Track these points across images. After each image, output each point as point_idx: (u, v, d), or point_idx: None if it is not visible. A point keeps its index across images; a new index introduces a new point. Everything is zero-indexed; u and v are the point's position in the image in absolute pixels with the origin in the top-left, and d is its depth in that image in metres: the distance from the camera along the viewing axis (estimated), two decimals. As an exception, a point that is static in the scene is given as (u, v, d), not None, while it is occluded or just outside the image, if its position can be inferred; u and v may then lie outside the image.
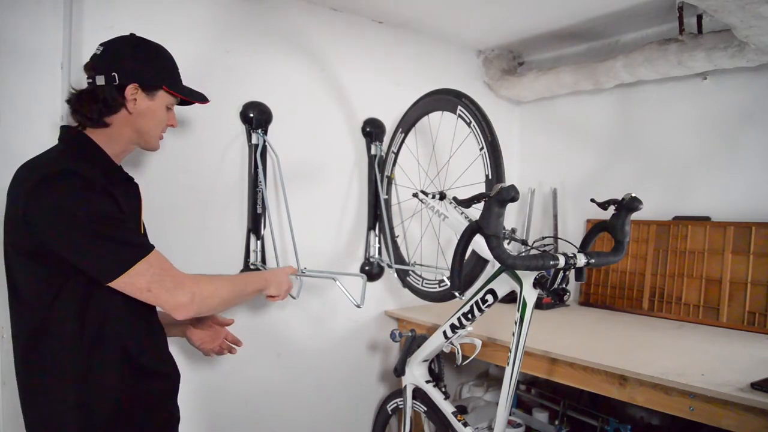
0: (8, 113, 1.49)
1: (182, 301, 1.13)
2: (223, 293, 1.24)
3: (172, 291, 1.12)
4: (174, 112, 1.32)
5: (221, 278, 1.28)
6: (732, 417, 1.32)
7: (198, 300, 1.15)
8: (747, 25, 1.60)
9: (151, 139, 1.28)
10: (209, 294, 1.19)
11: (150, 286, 1.10)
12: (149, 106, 1.23)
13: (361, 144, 2.33)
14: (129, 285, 1.09)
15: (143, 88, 1.21)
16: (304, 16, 2.12)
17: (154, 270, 1.10)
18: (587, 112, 2.64)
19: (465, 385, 2.76)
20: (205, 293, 1.18)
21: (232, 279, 1.33)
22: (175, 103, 1.31)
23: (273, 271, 1.46)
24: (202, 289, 1.17)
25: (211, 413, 1.92)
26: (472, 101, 1.74)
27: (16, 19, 1.50)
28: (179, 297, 1.13)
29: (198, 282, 1.18)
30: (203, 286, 1.18)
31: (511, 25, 2.42)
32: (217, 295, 1.22)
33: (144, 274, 1.09)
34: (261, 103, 1.98)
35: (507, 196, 1.17)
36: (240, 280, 1.36)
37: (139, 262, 1.09)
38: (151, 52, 1.27)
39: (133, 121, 1.22)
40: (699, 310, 2.12)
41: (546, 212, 2.79)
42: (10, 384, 1.49)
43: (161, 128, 1.29)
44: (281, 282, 1.44)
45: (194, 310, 1.16)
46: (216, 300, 1.22)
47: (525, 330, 1.40)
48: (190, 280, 1.16)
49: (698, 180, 2.24)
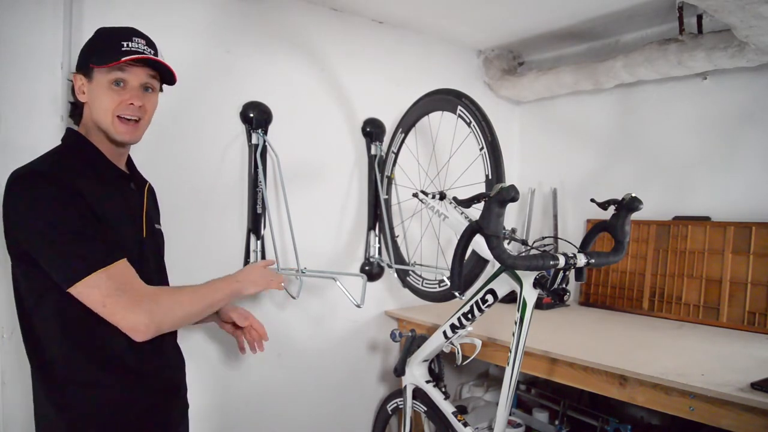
0: (8, 113, 1.49)
1: (137, 321, 1.06)
2: (185, 308, 1.15)
3: (128, 308, 1.05)
4: (131, 90, 1.15)
5: (184, 291, 1.19)
6: (732, 417, 1.32)
7: (157, 319, 1.08)
8: (747, 25, 1.60)
9: (103, 123, 1.15)
10: (168, 310, 1.11)
11: (105, 300, 1.04)
12: (90, 89, 1.15)
13: (361, 144, 2.33)
14: (84, 296, 1.04)
15: (84, 75, 1.16)
16: (304, 16, 2.13)
17: (111, 283, 1.04)
18: (587, 112, 2.64)
19: (465, 385, 2.76)
20: (164, 310, 1.10)
21: (196, 290, 1.21)
22: (120, 78, 1.14)
23: (244, 270, 1.38)
24: (161, 305, 1.09)
25: (211, 413, 1.91)
26: (472, 101, 1.74)
27: (16, 19, 1.50)
28: (134, 316, 1.05)
29: (157, 298, 1.10)
30: (163, 302, 1.10)
31: (511, 25, 2.42)
32: (178, 310, 1.13)
33: (99, 286, 1.03)
34: (261, 103, 1.98)
35: (507, 196, 1.17)
36: (207, 289, 1.24)
37: (94, 273, 1.02)
38: (91, 37, 1.19)
39: (88, 110, 1.18)
40: (699, 310, 2.12)
41: (546, 212, 2.79)
42: (10, 384, 1.49)
43: (110, 109, 1.14)
44: (256, 279, 1.36)
45: (152, 331, 1.08)
46: (177, 316, 1.14)
47: (525, 330, 1.39)
48: (149, 296, 1.09)
49: (698, 180, 2.24)
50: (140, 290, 1.08)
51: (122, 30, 1.17)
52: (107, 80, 1.13)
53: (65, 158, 1.15)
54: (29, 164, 1.10)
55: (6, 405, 1.49)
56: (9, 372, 1.49)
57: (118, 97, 1.14)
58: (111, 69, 1.13)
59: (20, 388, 1.47)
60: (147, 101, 1.19)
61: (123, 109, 1.15)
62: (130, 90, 1.15)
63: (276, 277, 1.44)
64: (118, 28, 1.18)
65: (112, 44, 1.13)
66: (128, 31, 1.17)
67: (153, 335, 1.09)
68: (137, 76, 1.16)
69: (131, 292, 1.06)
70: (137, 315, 1.05)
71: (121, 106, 1.15)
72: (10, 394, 1.49)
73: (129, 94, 1.15)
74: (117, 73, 1.13)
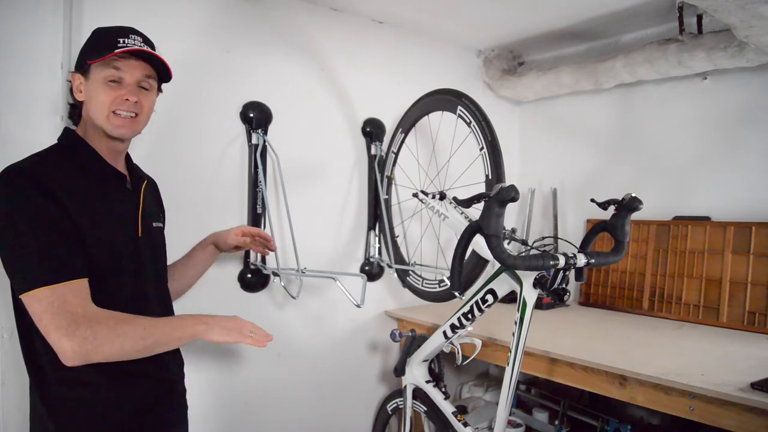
0: (8, 113, 1.50)
1: (65, 347, 0.99)
2: (125, 344, 1.04)
3: (60, 331, 0.99)
4: (126, 86, 1.15)
5: (134, 323, 1.07)
6: (732, 417, 1.32)
7: (86, 349, 1.00)
8: (747, 25, 1.60)
9: (99, 119, 1.14)
10: (105, 342, 1.02)
11: (42, 315, 1.00)
12: (87, 87, 1.15)
13: (361, 144, 2.33)
14: (28, 306, 1.02)
15: (81, 74, 1.16)
16: (304, 15, 2.12)
17: (53, 300, 0.99)
18: (587, 112, 2.64)
19: (465, 385, 2.76)
20: (99, 341, 1.01)
21: (151, 325, 1.09)
22: (116, 75, 1.13)
23: (217, 317, 1.22)
24: (97, 335, 1.01)
25: (211, 413, 1.91)
26: (472, 101, 1.74)
27: (16, 19, 1.50)
28: (64, 341, 0.99)
29: (96, 327, 1.01)
30: (100, 333, 1.01)
31: (511, 25, 2.42)
32: (116, 344, 1.03)
33: (42, 300, 1.00)
34: (261, 103, 1.98)
35: (507, 196, 1.17)
36: (164, 326, 1.12)
37: (40, 288, 0.99)
38: (89, 37, 1.19)
39: (86, 108, 1.17)
40: (699, 310, 2.12)
41: (546, 212, 2.79)
42: (10, 384, 1.49)
43: (105, 105, 1.13)
44: (230, 328, 1.21)
45: (80, 359, 1.01)
46: (113, 350, 1.03)
47: (525, 330, 1.39)
48: (88, 324, 1.00)
49: (698, 180, 2.24)
50: (81, 314, 1.01)
51: (119, 28, 1.17)
52: (103, 77, 1.13)
53: (53, 158, 1.14)
54: (16, 162, 1.10)
55: (5, 405, 1.49)
56: (9, 372, 1.49)
57: (114, 93, 1.14)
58: (107, 64, 1.12)
59: (19, 388, 1.47)
60: (143, 98, 1.18)
61: (118, 104, 1.14)
62: (125, 86, 1.15)
63: (259, 334, 1.26)
64: (115, 27, 1.18)
65: (109, 41, 1.13)
66: (125, 30, 1.17)
67: (81, 363, 1.02)
68: (133, 73, 1.15)
69: (71, 316, 1.00)
70: (68, 340, 0.99)
71: (117, 101, 1.14)
72: (9, 394, 1.49)
73: (125, 90, 1.14)
74: (112, 69, 1.13)
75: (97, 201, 1.13)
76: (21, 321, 1.11)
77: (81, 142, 1.18)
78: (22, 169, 1.07)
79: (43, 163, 1.11)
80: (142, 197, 1.26)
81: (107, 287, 1.12)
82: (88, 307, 1.03)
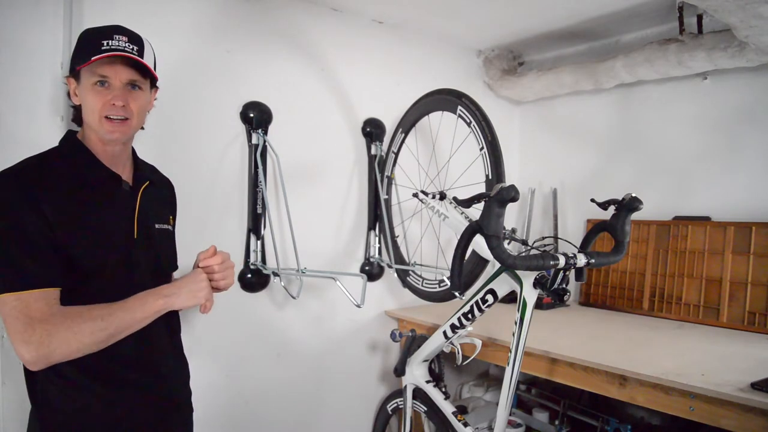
0: (8, 113, 1.50)
1: (23, 353, 1.02)
2: (84, 339, 1.04)
3: (19, 337, 1.01)
4: (114, 90, 1.14)
5: (90, 316, 1.06)
6: (732, 417, 1.32)
7: (44, 352, 1.01)
8: (747, 25, 1.60)
9: (92, 124, 1.15)
10: (62, 342, 1.03)
11: (6, 319, 1.03)
12: (79, 92, 1.16)
13: (361, 144, 2.33)
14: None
15: (74, 78, 1.16)
16: (304, 16, 2.12)
17: (16, 305, 1.02)
18: (587, 112, 2.64)
19: (465, 385, 2.76)
20: (56, 343, 1.02)
21: (111, 312, 1.08)
22: (102, 78, 1.12)
23: (176, 282, 1.19)
24: (53, 338, 1.02)
25: (211, 413, 1.91)
26: (472, 101, 1.74)
27: (16, 19, 1.50)
28: (23, 347, 1.01)
29: (52, 330, 1.02)
30: (57, 334, 1.02)
31: (511, 25, 2.42)
32: (73, 342, 1.03)
33: (7, 304, 1.02)
34: (261, 103, 1.98)
35: (507, 196, 1.17)
36: (126, 309, 1.10)
37: (6, 294, 1.02)
38: (77, 39, 1.18)
39: (82, 112, 1.17)
40: (699, 310, 2.12)
41: (546, 212, 2.79)
42: (10, 384, 1.49)
43: (96, 110, 1.13)
44: (195, 290, 1.19)
45: (41, 363, 1.03)
46: (72, 348, 1.04)
47: (525, 330, 1.39)
48: (44, 327, 1.01)
49: (698, 180, 2.24)
50: (39, 319, 1.02)
51: (105, 29, 1.15)
52: (90, 82, 1.12)
53: (48, 161, 1.14)
54: (9, 166, 1.11)
55: (5, 405, 1.49)
56: (8, 372, 1.49)
57: (102, 98, 1.13)
58: (92, 69, 1.12)
59: (19, 388, 1.46)
60: (132, 100, 1.16)
61: (108, 109, 1.13)
62: (113, 90, 1.13)
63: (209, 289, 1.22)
64: (102, 27, 1.17)
65: (94, 44, 1.11)
66: (111, 30, 1.15)
67: (43, 366, 1.04)
68: (119, 75, 1.13)
69: (29, 321, 1.02)
70: (25, 346, 1.01)
71: (106, 107, 1.13)
72: (9, 394, 1.50)
73: (112, 95, 1.13)
74: (98, 73, 1.12)
75: (87, 203, 1.14)
76: None
77: (78, 145, 1.19)
78: (7, 176, 1.08)
79: (34, 167, 1.12)
80: (139, 198, 1.25)
81: (93, 287, 1.13)
82: (48, 312, 1.04)
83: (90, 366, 1.11)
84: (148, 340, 1.19)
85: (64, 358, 1.05)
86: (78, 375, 1.12)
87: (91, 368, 1.12)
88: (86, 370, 1.12)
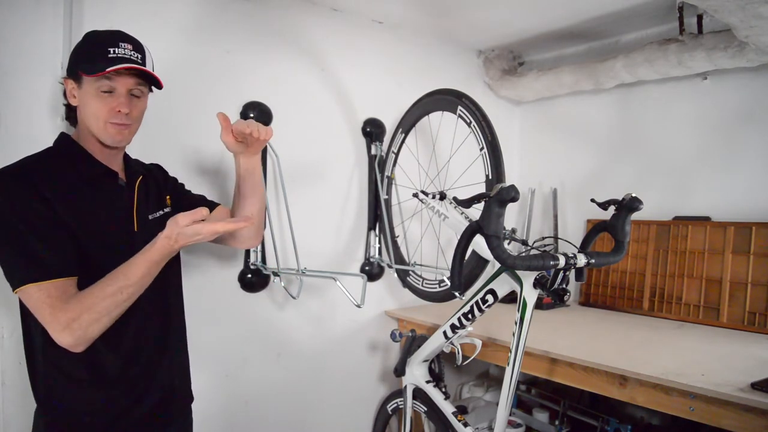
0: (8, 113, 1.50)
1: (62, 341, 1.07)
2: (114, 312, 1.09)
3: (50, 325, 1.06)
4: (118, 97, 1.16)
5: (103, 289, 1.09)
6: (732, 417, 1.32)
7: (77, 335, 1.06)
8: (747, 25, 1.60)
9: (93, 128, 1.17)
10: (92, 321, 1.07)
11: (34, 310, 1.07)
12: (80, 96, 1.17)
13: (361, 144, 2.33)
14: (25, 301, 1.09)
15: (74, 80, 1.17)
16: (304, 16, 2.12)
17: (39, 296, 1.05)
18: (587, 112, 2.64)
19: (465, 385, 2.76)
20: (85, 323, 1.06)
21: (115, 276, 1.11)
22: (109, 88, 1.15)
23: (167, 229, 1.12)
24: (81, 321, 1.06)
25: (211, 413, 1.91)
26: (473, 101, 1.74)
27: (16, 19, 1.50)
28: (59, 336, 1.06)
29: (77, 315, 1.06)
30: (87, 318, 1.06)
31: (511, 25, 2.42)
32: (105, 319, 1.08)
33: (32, 296, 1.06)
34: (261, 103, 1.98)
35: (507, 196, 1.17)
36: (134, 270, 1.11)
37: (27, 285, 1.05)
38: (79, 42, 1.20)
39: (80, 114, 1.20)
40: (699, 310, 2.12)
41: (546, 212, 2.79)
42: (10, 384, 1.49)
43: (100, 117, 1.16)
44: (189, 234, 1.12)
45: (82, 345, 1.08)
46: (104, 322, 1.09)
47: (525, 330, 1.39)
48: (69, 315, 1.05)
49: (698, 180, 2.24)
50: (59, 307, 1.06)
51: (109, 35, 1.17)
52: (95, 88, 1.14)
53: (45, 159, 1.16)
54: (8, 165, 1.12)
55: (6, 405, 1.49)
56: (9, 372, 1.49)
57: (107, 105, 1.15)
58: (99, 78, 1.14)
59: (20, 388, 1.47)
60: (134, 107, 1.20)
61: (113, 116, 1.17)
62: (117, 97, 1.16)
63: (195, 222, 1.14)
64: (105, 32, 1.18)
65: (100, 51, 1.13)
66: (115, 36, 1.17)
67: (87, 346, 1.09)
68: (124, 83, 1.16)
69: (52, 311, 1.05)
70: (60, 334, 1.06)
71: (111, 113, 1.16)
72: (9, 394, 1.49)
73: (116, 102, 1.16)
74: (104, 81, 1.14)
75: (88, 199, 1.16)
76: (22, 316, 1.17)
77: (74, 145, 1.21)
78: (13, 172, 1.10)
79: (35, 165, 1.14)
80: (136, 193, 1.28)
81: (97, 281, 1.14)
82: (67, 300, 1.07)
83: (91, 361, 1.14)
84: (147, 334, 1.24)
85: (100, 331, 1.10)
86: (80, 371, 1.14)
87: (92, 364, 1.15)
88: (88, 366, 1.14)
